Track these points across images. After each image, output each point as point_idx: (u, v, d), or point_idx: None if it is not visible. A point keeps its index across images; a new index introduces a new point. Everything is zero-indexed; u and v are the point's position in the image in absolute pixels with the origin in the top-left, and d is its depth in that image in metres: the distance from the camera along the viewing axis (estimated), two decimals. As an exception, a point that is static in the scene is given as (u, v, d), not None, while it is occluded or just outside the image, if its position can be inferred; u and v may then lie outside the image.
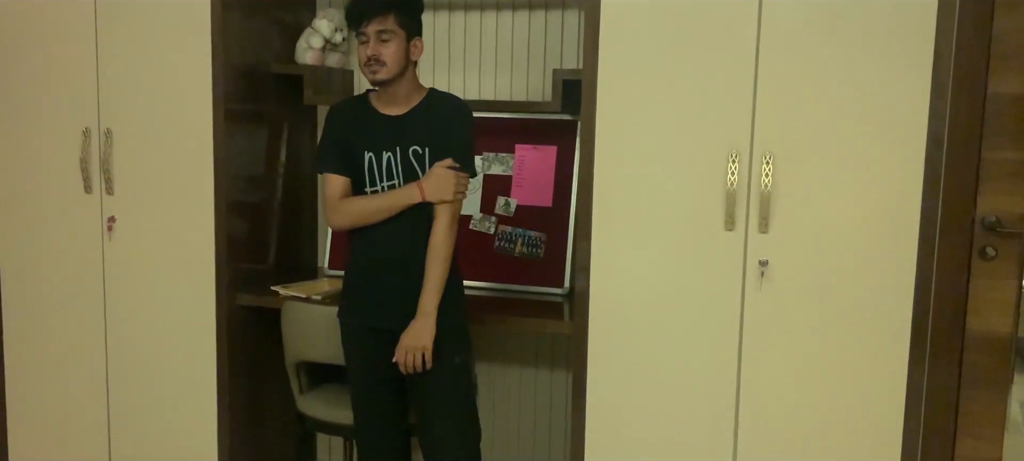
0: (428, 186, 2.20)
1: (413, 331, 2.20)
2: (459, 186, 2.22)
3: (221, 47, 2.63)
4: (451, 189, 2.20)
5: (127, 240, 2.81)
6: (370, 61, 2.17)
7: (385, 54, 2.16)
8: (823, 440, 2.33)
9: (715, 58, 2.27)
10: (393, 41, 2.16)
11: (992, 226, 2.48)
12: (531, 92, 2.98)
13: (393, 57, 2.17)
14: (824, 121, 2.23)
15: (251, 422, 2.92)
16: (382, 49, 2.16)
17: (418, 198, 2.20)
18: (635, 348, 2.42)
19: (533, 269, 2.88)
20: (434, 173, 2.21)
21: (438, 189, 2.20)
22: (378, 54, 2.16)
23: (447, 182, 2.20)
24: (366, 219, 2.25)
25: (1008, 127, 2.45)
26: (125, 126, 2.75)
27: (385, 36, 2.15)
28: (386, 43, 2.16)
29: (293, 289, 2.74)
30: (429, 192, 2.20)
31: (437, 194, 2.20)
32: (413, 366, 2.20)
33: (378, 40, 2.16)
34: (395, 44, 2.17)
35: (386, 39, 2.16)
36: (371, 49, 2.16)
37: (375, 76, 2.19)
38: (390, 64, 2.17)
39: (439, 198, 2.20)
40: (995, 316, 2.53)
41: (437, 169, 2.21)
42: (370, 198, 2.25)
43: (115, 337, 2.87)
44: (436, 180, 2.21)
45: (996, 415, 2.57)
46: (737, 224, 2.30)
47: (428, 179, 2.21)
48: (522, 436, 3.16)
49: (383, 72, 2.18)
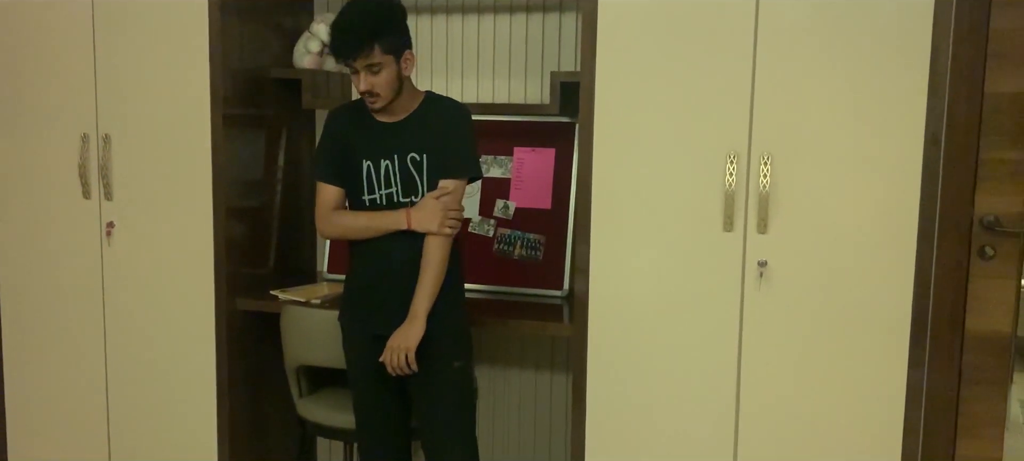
0: (416, 215, 2.19)
1: (400, 332, 2.19)
2: (447, 219, 2.19)
3: (219, 51, 2.63)
4: (437, 221, 2.18)
5: (126, 245, 2.81)
6: (366, 94, 2.17)
7: (378, 85, 2.15)
8: (823, 440, 2.33)
9: (712, 59, 2.27)
10: (383, 70, 2.14)
11: (991, 225, 2.48)
12: (529, 95, 2.98)
13: (386, 85, 2.16)
14: (822, 121, 2.23)
15: (251, 427, 2.92)
16: (374, 81, 2.14)
17: (404, 225, 2.20)
18: (635, 350, 2.42)
19: (532, 271, 2.88)
20: (424, 203, 2.20)
21: (425, 220, 2.19)
22: (371, 87, 2.15)
23: (434, 214, 2.18)
24: (353, 235, 2.27)
25: (1006, 126, 2.46)
26: (123, 131, 2.75)
27: (375, 69, 2.14)
28: (377, 74, 2.14)
29: (292, 293, 2.74)
30: (416, 221, 2.19)
31: (423, 224, 2.19)
32: (398, 367, 2.19)
33: (369, 73, 2.14)
34: (386, 72, 2.15)
35: (376, 71, 2.14)
36: (363, 84, 2.15)
37: (374, 106, 2.19)
38: (384, 93, 2.17)
39: (424, 229, 2.18)
40: (994, 315, 2.54)
41: (427, 199, 2.20)
42: (359, 215, 2.26)
43: (114, 343, 2.87)
44: (424, 211, 2.19)
45: (996, 414, 2.57)
46: (736, 225, 2.30)
47: (417, 208, 2.20)
48: (523, 438, 3.16)
49: (379, 102, 2.18)
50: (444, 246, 2.20)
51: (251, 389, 2.89)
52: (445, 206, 2.19)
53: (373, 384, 2.34)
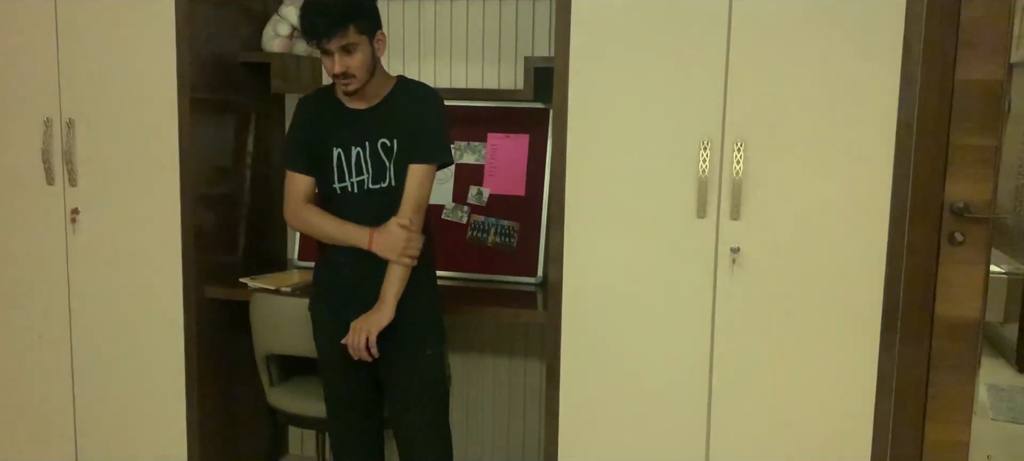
0: (378, 239, 2.17)
1: (367, 316, 2.17)
2: (409, 248, 2.16)
3: (186, 35, 2.58)
4: (397, 250, 2.16)
5: (91, 233, 2.75)
6: (339, 77, 2.13)
7: (354, 67, 2.11)
8: (795, 424, 2.35)
9: (687, 46, 2.27)
10: (358, 50, 2.11)
11: (960, 212, 2.51)
12: (503, 80, 2.96)
13: (361, 66, 2.13)
14: (795, 108, 2.24)
15: (221, 416, 2.88)
16: (350, 62, 2.11)
17: (366, 246, 2.17)
18: (608, 336, 2.42)
19: (506, 259, 2.86)
20: (387, 228, 2.17)
21: (387, 245, 2.16)
22: (347, 68, 2.11)
23: (396, 243, 2.16)
24: (315, 236, 2.26)
25: (975, 113, 2.48)
26: (88, 116, 2.70)
27: (350, 49, 2.10)
28: (352, 55, 2.11)
29: (262, 281, 2.70)
30: (377, 245, 2.17)
31: (385, 250, 2.16)
32: (357, 348, 2.16)
33: (343, 53, 2.10)
34: (360, 53, 2.11)
35: (351, 51, 2.10)
36: (338, 66, 2.10)
37: (348, 89, 2.15)
38: (360, 74, 2.13)
39: (386, 255, 2.16)
40: (963, 301, 2.57)
41: (391, 225, 2.17)
42: (325, 220, 2.22)
43: (80, 332, 2.82)
44: (387, 236, 2.17)
45: (964, 399, 2.60)
46: (709, 212, 2.30)
47: (380, 232, 2.17)
48: (496, 425, 3.15)
49: (354, 84, 2.14)
50: (404, 270, 2.19)
51: (221, 378, 2.86)
52: (407, 237, 2.16)
53: (344, 373, 2.32)
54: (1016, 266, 4.99)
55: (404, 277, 2.18)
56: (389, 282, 2.17)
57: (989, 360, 4.91)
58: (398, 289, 2.18)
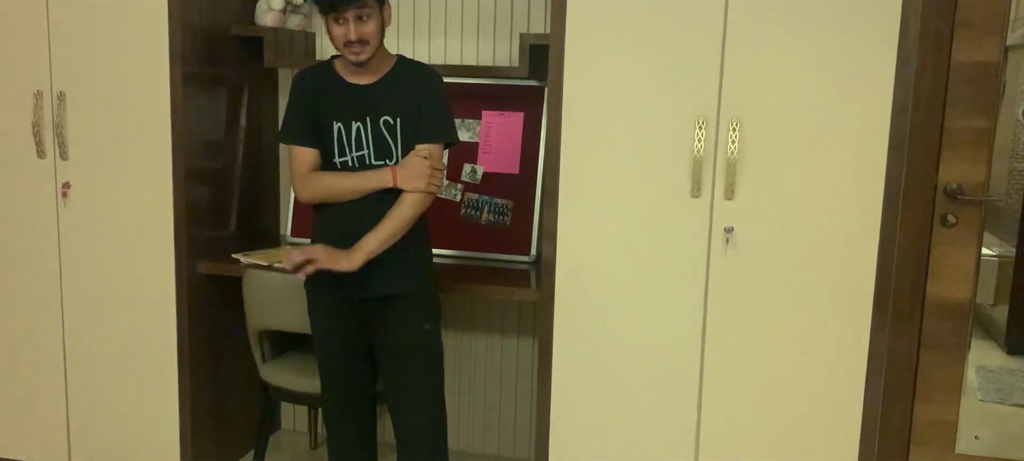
0: (402, 173, 2.17)
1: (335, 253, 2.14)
2: (433, 178, 2.18)
3: (178, 7, 2.55)
4: (424, 179, 2.17)
5: (83, 207, 2.74)
6: (352, 44, 2.11)
7: (367, 33, 2.11)
8: (786, 402, 2.36)
9: (683, 24, 2.25)
10: (372, 18, 2.11)
11: (953, 194, 2.51)
12: (498, 57, 2.94)
13: (374, 33, 2.12)
14: (791, 88, 2.23)
15: (214, 392, 2.88)
16: (364, 29, 2.10)
17: (390, 183, 2.17)
18: (601, 315, 2.42)
19: (500, 237, 2.86)
20: (409, 161, 2.17)
21: (411, 177, 2.16)
22: (362, 35, 2.10)
23: (421, 171, 2.16)
24: (335, 197, 2.21)
25: (971, 95, 2.48)
26: (79, 88, 2.67)
27: (365, 17, 2.09)
28: (366, 23, 2.10)
29: (255, 257, 2.69)
30: (402, 179, 2.17)
31: (410, 182, 2.16)
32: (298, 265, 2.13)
33: (358, 21, 2.09)
34: (374, 20, 2.12)
35: (365, 19, 2.10)
36: (354, 33, 2.09)
37: (359, 58, 2.13)
38: (373, 42, 2.13)
39: (412, 187, 2.16)
40: (954, 283, 2.58)
41: (412, 158, 2.17)
42: (342, 176, 2.21)
43: (71, 307, 2.80)
44: (411, 168, 2.17)
45: (953, 379, 2.62)
46: (703, 191, 2.30)
47: (403, 166, 2.17)
48: (488, 403, 3.16)
49: (367, 52, 2.13)
50: (420, 204, 2.19)
51: (213, 354, 2.85)
52: (431, 165, 2.17)
53: (339, 349, 2.32)
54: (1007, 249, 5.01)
55: (389, 239, 2.16)
56: (373, 236, 2.14)
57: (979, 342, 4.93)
58: (376, 246, 2.15)
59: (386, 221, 2.16)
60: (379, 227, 2.16)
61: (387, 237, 2.17)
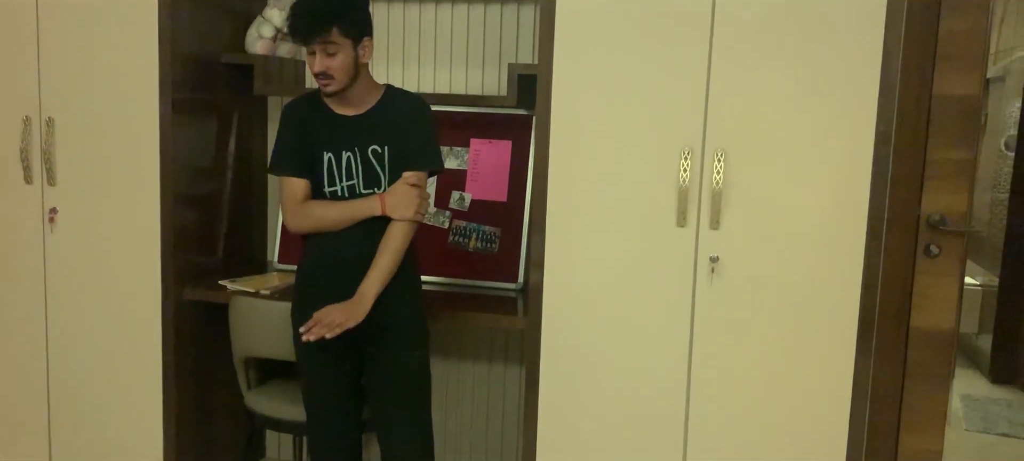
0: (390, 201, 2.18)
1: (344, 307, 2.14)
2: (421, 205, 2.19)
3: (169, 35, 2.57)
4: (413, 207, 2.18)
5: (69, 232, 2.73)
6: (319, 75, 2.14)
7: (333, 68, 2.12)
8: (772, 432, 2.37)
9: (669, 55, 2.28)
10: (340, 53, 2.11)
11: (936, 224, 2.54)
12: (486, 86, 2.97)
13: (341, 69, 2.13)
14: (775, 119, 2.26)
15: (198, 419, 2.86)
16: (329, 63, 2.11)
17: (379, 211, 2.18)
18: (588, 343, 2.42)
19: (487, 264, 2.87)
20: (397, 189, 2.19)
21: (399, 205, 2.18)
22: (326, 68, 2.12)
23: (409, 199, 2.18)
24: (326, 227, 2.22)
25: (952, 127, 2.51)
26: (67, 114, 2.67)
27: (331, 50, 2.11)
28: (333, 56, 2.11)
29: (242, 283, 2.69)
30: (390, 207, 2.18)
31: (398, 210, 2.18)
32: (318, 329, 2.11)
33: (325, 54, 2.11)
34: (342, 55, 2.12)
35: (333, 52, 2.11)
36: (318, 65, 2.12)
37: (327, 89, 2.16)
38: (339, 77, 2.14)
39: (400, 215, 2.18)
40: (938, 312, 2.59)
41: (400, 186, 2.19)
42: (331, 205, 2.22)
43: (57, 332, 2.79)
44: (398, 196, 2.18)
45: (938, 409, 2.63)
46: (689, 220, 2.32)
47: (391, 194, 2.19)
48: (475, 430, 3.15)
49: (333, 85, 2.15)
50: (409, 232, 2.20)
51: (198, 381, 2.84)
52: (418, 193, 2.18)
53: (325, 377, 2.31)
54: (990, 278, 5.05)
55: (388, 275, 2.18)
56: (373, 277, 2.16)
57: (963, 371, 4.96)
58: (379, 287, 2.17)
59: (381, 257, 2.17)
60: (377, 266, 2.17)
61: (386, 274, 2.17)
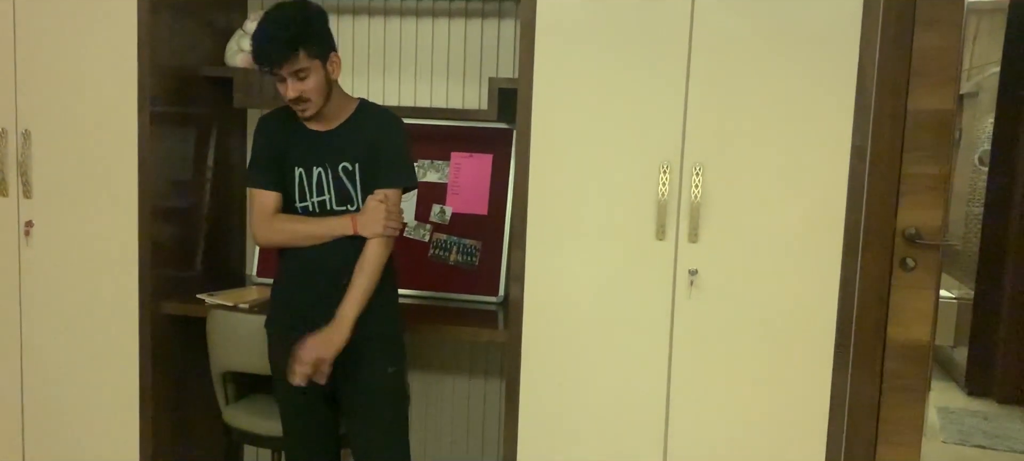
0: (360, 220, 2.17)
1: (322, 338, 2.12)
2: (391, 221, 2.17)
3: (148, 47, 2.55)
4: (381, 223, 2.15)
5: (46, 245, 2.70)
6: (295, 102, 2.12)
7: (307, 91, 2.10)
8: (750, 444, 2.38)
9: (648, 71, 2.30)
10: (311, 75, 2.10)
11: (912, 238, 2.57)
12: (467, 100, 2.98)
13: (315, 90, 2.12)
14: (752, 134, 2.28)
15: (176, 434, 2.83)
16: (303, 87, 2.10)
17: (350, 231, 2.17)
18: (568, 356, 2.43)
19: (468, 277, 2.87)
20: (367, 207, 2.18)
21: (369, 223, 2.16)
22: (300, 93, 2.10)
23: (377, 216, 2.16)
24: (296, 243, 2.21)
25: (927, 142, 2.55)
26: (45, 127, 2.65)
27: (302, 74, 2.09)
28: (305, 80, 2.10)
29: (220, 297, 2.67)
30: (361, 226, 2.16)
31: (368, 228, 2.16)
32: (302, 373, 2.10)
33: (296, 79, 2.09)
34: (313, 78, 2.10)
35: (304, 77, 2.10)
36: (292, 91, 2.10)
37: (305, 114, 2.15)
38: (315, 98, 2.13)
39: (370, 232, 2.16)
40: (914, 325, 2.62)
41: (370, 203, 2.17)
42: (303, 221, 2.21)
43: (31, 346, 2.75)
44: (368, 214, 2.17)
45: (914, 421, 2.65)
46: (668, 234, 2.33)
47: (361, 214, 2.17)
48: (455, 445, 3.14)
49: (310, 108, 2.14)
50: (384, 249, 2.18)
51: (176, 395, 2.81)
52: (388, 210, 2.17)
53: (300, 391, 2.29)
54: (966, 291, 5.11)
55: (366, 296, 2.17)
56: (350, 300, 2.15)
57: (939, 383, 5.01)
58: (358, 309, 2.15)
59: (357, 277, 2.15)
60: (354, 286, 2.15)
61: (364, 294, 2.16)
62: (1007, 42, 4.64)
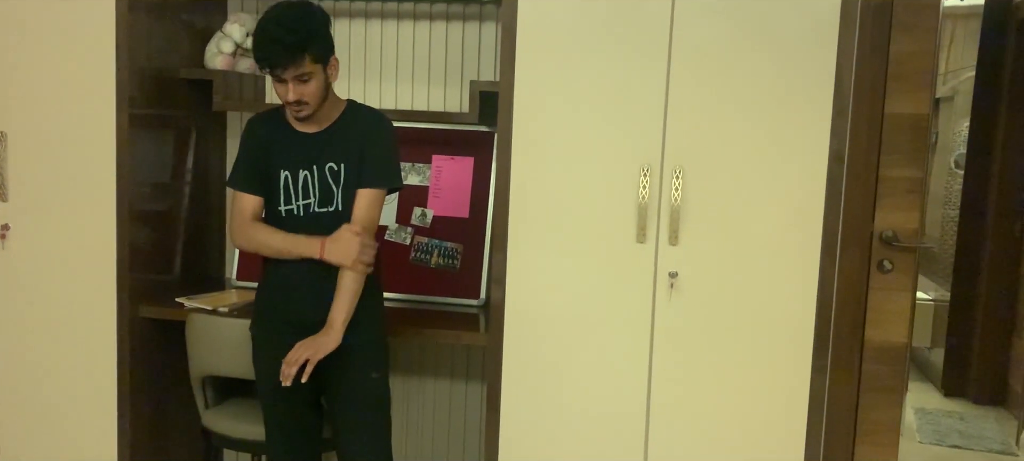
0: (329, 247, 2.13)
1: (313, 340, 2.12)
2: (363, 255, 2.13)
3: (126, 49, 2.53)
4: (351, 255, 2.12)
5: (22, 249, 2.67)
6: (292, 104, 2.11)
7: (307, 95, 2.10)
8: (730, 445, 2.39)
9: (628, 74, 2.31)
10: (313, 79, 2.09)
11: (889, 240, 2.59)
12: (448, 103, 2.97)
13: (315, 94, 2.11)
14: (732, 138, 2.30)
15: (154, 439, 2.81)
16: (304, 91, 2.09)
17: (317, 255, 2.13)
18: (549, 359, 2.43)
19: (449, 280, 2.86)
20: (339, 236, 2.14)
21: (338, 252, 2.12)
22: (301, 96, 2.09)
23: (349, 248, 2.12)
24: (266, 252, 2.21)
25: (904, 146, 2.57)
26: (21, 129, 2.62)
27: (305, 78, 2.08)
28: (306, 83, 2.09)
29: (199, 301, 2.65)
30: (328, 252, 2.13)
31: (336, 257, 2.12)
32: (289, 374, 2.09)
33: (298, 83, 2.08)
34: (315, 81, 2.10)
35: (306, 80, 2.08)
36: (293, 94, 2.08)
37: (300, 115, 2.13)
38: (313, 102, 2.12)
39: (337, 261, 2.12)
40: (891, 327, 2.65)
41: (343, 233, 2.14)
42: (274, 235, 2.19)
43: (6, 351, 2.72)
44: (340, 243, 2.13)
45: (892, 421, 2.68)
46: (648, 237, 2.35)
47: (332, 239, 2.14)
48: (436, 448, 3.13)
49: (307, 111, 2.12)
50: (359, 279, 2.16)
51: (154, 400, 2.79)
52: (361, 242, 2.13)
53: (284, 396, 2.28)
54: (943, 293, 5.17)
55: (353, 302, 2.15)
56: (338, 306, 2.14)
57: (916, 384, 5.07)
58: (347, 314, 2.14)
59: (342, 282, 2.14)
60: (341, 291, 2.13)
61: (352, 298, 2.14)
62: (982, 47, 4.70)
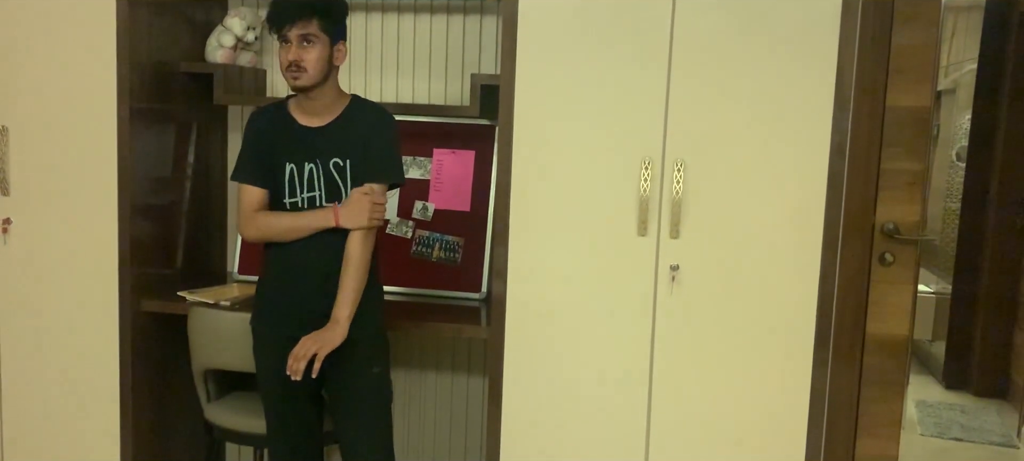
0: (343, 212, 2.16)
1: (319, 334, 2.13)
2: (375, 212, 2.17)
3: (127, 43, 2.53)
4: (366, 216, 2.15)
5: (23, 243, 2.67)
6: (291, 66, 2.11)
7: (307, 60, 2.11)
8: (732, 438, 2.39)
9: (629, 67, 2.31)
10: (316, 46, 2.11)
11: (891, 233, 2.60)
12: (450, 96, 2.97)
13: (315, 63, 2.12)
14: (733, 131, 2.29)
15: (157, 433, 2.82)
16: (304, 54, 2.10)
17: (333, 223, 2.16)
18: (551, 352, 2.44)
19: (451, 274, 2.87)
20: (350, 199, 2.17)
21: (353, 215, 2.16)
22: (299, 59, 2.10)
23: (362, 208, 2.16)
24: (279, 237, 2.21)
25: (905, 138, 2.58)
26: (22, 123, 2.62)
27: (308, 41, 2.10)
28: (308, 48, 2.10)
29: (201, 294, 2.66)
30: (344, 218, 2.16)
31: (352, 220, 2.16)
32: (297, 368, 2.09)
33: (300, 44, 2.10)
34: (317, 49, 2.11)
35: (308, 44, 2.10)
36: (292, 54, 2.10)
37: (296, 82, 2.14)
38: (311, 71, 2.12)
39: (354, 224, 2.16)
40: (893, 320, 2.65)
41: (354, 194, 2.17)
42: (285, 216, 2.21)
43: (9, 346, 2.72)
44: (351, 206, 2.16)
45: (893, 414, 2.68)
46: (650, 229, 2.35)
47: (345, 205, 2.17)
48: (438, 442, 3.14)
49: (304, 78, 2.12)
50: (368, 241, 2.18)
51: (156, 394, 2.79)
52: (371, 201, 2.17)
53: (285, 389, 2.29)
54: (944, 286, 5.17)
55: (358, 292, 2.16)
56: (343, 299, 2.15)
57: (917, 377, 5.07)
58: (352, 307, 2.15)
59: (346, 276, 2.15)
60: (344, 286, 2.14)
61: (355, 292, 2.15)
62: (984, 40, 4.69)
